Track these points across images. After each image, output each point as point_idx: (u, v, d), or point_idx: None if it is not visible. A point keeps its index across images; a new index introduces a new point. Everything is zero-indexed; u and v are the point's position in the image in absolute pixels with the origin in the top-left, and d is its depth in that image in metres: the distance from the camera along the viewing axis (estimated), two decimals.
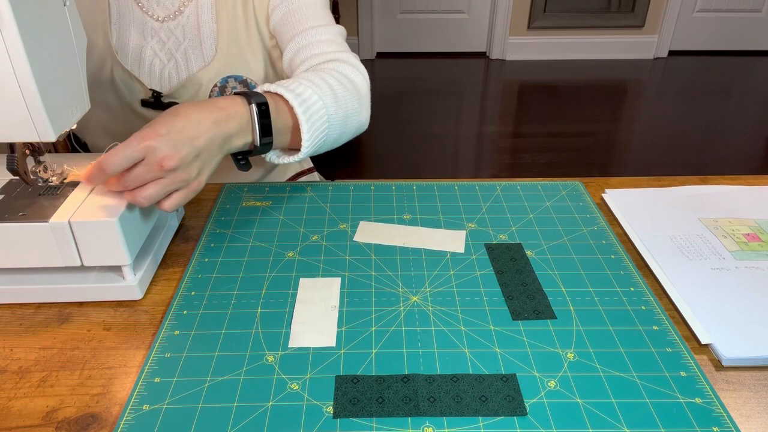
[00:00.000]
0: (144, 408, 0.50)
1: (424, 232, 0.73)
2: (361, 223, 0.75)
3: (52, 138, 0.55)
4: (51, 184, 0.63)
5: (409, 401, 0.50)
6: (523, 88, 3.29)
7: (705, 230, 0.72)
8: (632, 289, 0.63)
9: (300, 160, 0.74)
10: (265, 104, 0.67)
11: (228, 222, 0.75)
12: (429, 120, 2.86)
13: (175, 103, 0.87)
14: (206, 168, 0.63)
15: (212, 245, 0.70)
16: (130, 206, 0.60)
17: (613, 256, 0.68)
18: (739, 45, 3.70)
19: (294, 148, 0.75)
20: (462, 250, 0.70)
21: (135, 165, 0.58)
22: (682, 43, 3.69)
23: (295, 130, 0.72)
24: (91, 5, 0.86)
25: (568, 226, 0.74)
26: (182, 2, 0.86)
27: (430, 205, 0.78)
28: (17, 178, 0.61)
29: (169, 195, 0.61)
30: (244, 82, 0.88)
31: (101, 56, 0.87)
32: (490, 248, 0.70)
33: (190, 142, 0.60)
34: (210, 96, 0.88)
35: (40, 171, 0.62)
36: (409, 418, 0.49)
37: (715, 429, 0.48)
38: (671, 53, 3.70)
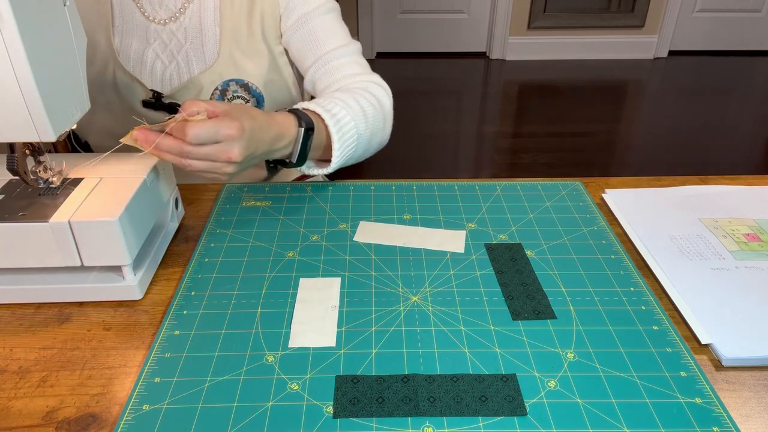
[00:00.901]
0: (144, 408, 0.50)
1: (424, 232, 0.73)
2: (361, 223, 0.75)
3: (52, 138, 0.55)
4: (51, 185, 0.63)
5: (409, 401, 0.50)
6: (523, 88, 3.29)
7: (705, 230, 0.72)
8: (632, 289, 0.63)
9: (327, 173, 0.80)
10: (312, 129, 0.74)
11: (228, 222, 0.75)
12: (429, 120, 2.86)
13: (176, 104, 0.88)
14: (245, 169, 0.69)
15: (212, 245, 0.70)
16: (131, 206, 0.60)
17: (613, 256, 0.68)
18: (739, 45, 3.70)
19: (323, 159, 0.81)
20: (462, 250, 0.70)
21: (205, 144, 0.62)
22: (682, 43, 3.68)
23: (327, 147, 0.79)
24: (94, 9, 0.86)
25: (568, 226, 0.74)
26: (183, 3, 0.86)
27: (430, 205, 0.78)
28: (17, 178, 0.61)
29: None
30: (245, 86, 0.88)
31: (104, 58, 0.87)
32: (490, 248, 0.70)
33: (255, 146, 0.66)
34: (211, 98, 0.88)
35: (40, 171, 0.62)
36: (409, 418, 0.49)
37: (715, 429, 0.48)
38: (671, 53, 3.70)
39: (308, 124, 0.73)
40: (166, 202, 0.70)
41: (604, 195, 0.81)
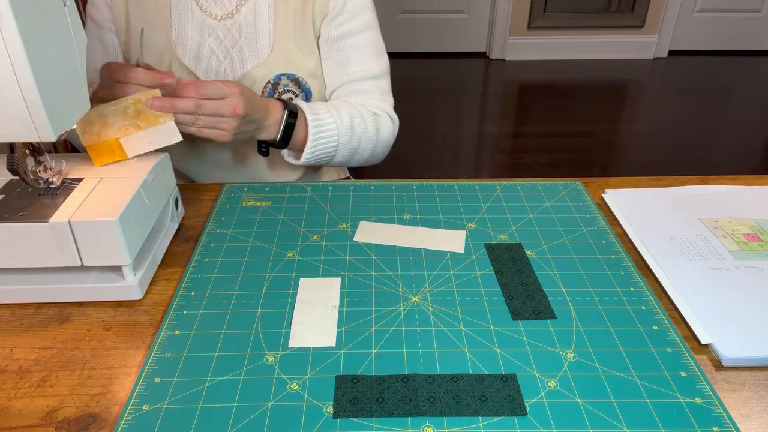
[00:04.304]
0: (144, 408, 0.50)
1: (424, 232, 0.73)
2: (361, 223, 0.75)
3: (52, 138, 0.55)
4: (51, 185, 0.63)
5: (409, 401, 0.50)
6: (523, 88, 3.28)
7: (705, 230, 0.72)
8: (632, 289, 0.63)
9: (298, 164, 0.87)
10: (295, 115, 0.82)
11: (228, 222, 0.75)
12: (429, 120, 2.86)
13: None
14: (240, 135, 0.78)
15: (212, 245, 0.70)
16: (131, 206, 0.60)
17: (613, 256, 0.68)
18: (739, 45, 3.70)
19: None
20: (462, 250, 0.70)
21: (213, 99, 0.73)
22: (682, 43, 3.68)
23: (305, 142, 0.85)
24: (152, 3, 0.87)
25: (568, 226, 0.74)
26: (240, 1, 0.87)
27: (430, 205, 0.78)
28: (17, 178, 0.61)
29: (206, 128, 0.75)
30: (296, 80, 0.90)
31: (160, 53, 0.88)
32: (490, 248, 0.70)
33: (252, 109, 0.77)
34: (263, 93, 0.90)
35: (40, 171, 0.62)
36: (409, 418, 0.49)
37: (715, 429, 0.48)
38: (671, 53, 3.70)
39: (292, 110, 0.82)
40: (166, 202, 0.70)
41: (604, 195, 0.81)
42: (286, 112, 0.82)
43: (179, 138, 0.70)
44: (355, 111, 0.89)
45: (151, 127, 0.69)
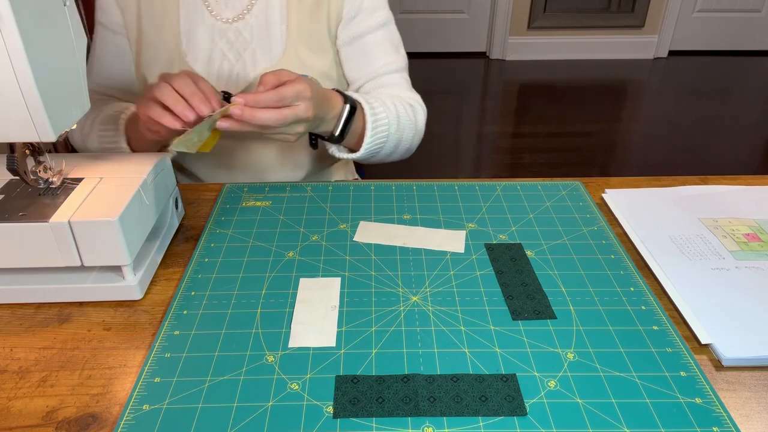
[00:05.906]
0: (144, 408, 0.50)
1: (424, 232, 0.73)
2: (361, 223, 0.75)
3: (52, 138, 0.55)
4: (51, 185, 0.63)
5: (409, 401, 0.50)
6: (523, 88, 3.28)
7: (705, 230, 0.72)
8: (632, 289, 0.63)
9: (355, 158, 0.86)
10: (355, 108, 0.81)
11: (228, 222, 0.75)
12: (429, 120, 2.86)
13: None
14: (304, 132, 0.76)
15: (212, 245, 0.70)
16: (131, 206, 0.60)
17: (613, 256, 0.68)
18: (739, 45, 3.70)
19: (353, 149, 0.87)
20: (462, 250, 0.70)
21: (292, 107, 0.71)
22: (682, 43, 3.68)
23: (361, 136, 0.84)
24: (160, 7, 0.86)
25: (568, 226, 0.74)
26: (250, 1, 0.87)
27: (430, 205, 0.78)
28: (17, 178, 0.61)
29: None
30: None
31: (170, 58, 0.87)
32: (490, 248, 0.70)
33: (319, 108, 0.75)
34: None
35: (40, 171, 0.62)
36: (409, 418, 0.49)
37: (715, 429, 0.48)
38: (671, 53, 3.70)
39: (353, 103, 0.81)
40: (166, 202, 0.70)
41: (604, 195, 0.81)
42: (347, 106, 0.80)
43: None
44: (397, 101, 0.89)
45: None
